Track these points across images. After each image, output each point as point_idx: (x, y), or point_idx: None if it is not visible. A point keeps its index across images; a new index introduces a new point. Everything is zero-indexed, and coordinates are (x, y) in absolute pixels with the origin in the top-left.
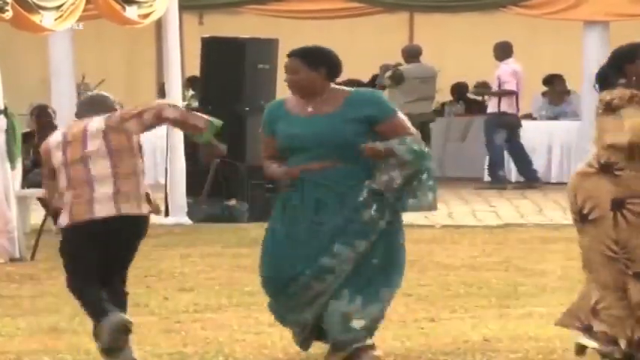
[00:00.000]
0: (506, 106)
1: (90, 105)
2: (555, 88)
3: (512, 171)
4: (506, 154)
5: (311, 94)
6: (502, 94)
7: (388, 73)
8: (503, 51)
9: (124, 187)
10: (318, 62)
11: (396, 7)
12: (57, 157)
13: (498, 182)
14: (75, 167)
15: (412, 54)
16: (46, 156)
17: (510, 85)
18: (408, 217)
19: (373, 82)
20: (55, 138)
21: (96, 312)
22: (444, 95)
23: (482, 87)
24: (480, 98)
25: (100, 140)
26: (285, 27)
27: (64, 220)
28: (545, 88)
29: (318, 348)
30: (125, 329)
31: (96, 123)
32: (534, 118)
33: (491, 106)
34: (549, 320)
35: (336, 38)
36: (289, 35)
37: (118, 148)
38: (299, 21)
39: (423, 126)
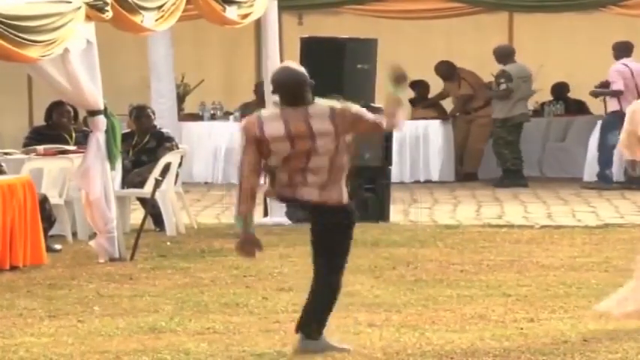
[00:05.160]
0: (623, 105)
1: (293, 98)
2: None
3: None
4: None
5: None
6: (604, 93)
7: (501, 79)
8: (618, 50)
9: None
10: None
11: (496, 7)
12: (283, 148)
13: (605, 181)
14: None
15: (508, 54)
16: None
17: (617, 85)
18: (507, 218)
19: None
20: (274, 130)
21: None
22: (544, 95)
23: (604, 87)
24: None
25: (328, 139)
26: (385, 27)
27: None
28: None
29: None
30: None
31: (321, 123)
32: None
33: (612, 106)
34: None
35: (435, 38)
36: (388, 35)
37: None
38: (398, 21)
39: (520, 127)
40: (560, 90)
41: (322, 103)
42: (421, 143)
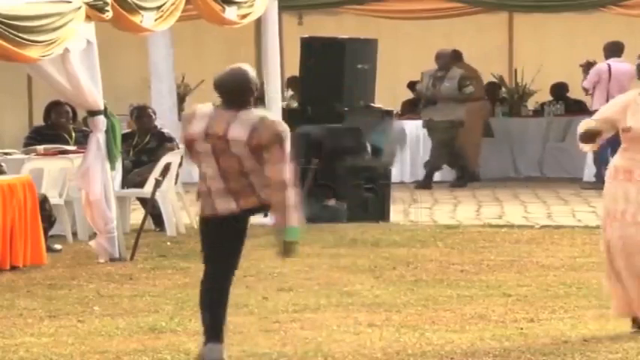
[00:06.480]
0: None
1: (230, 98)
2: None
3: None
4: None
5: None
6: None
7: (467, 81)
8: (608, 50)
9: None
10: None
11: (497, 7)
12: (202, 148)
13: (603, 182)
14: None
15: (458, 56)
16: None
17: (586, 83)
18: (507, 218)
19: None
20: (198, 128)
21: None
22: (543, 95)
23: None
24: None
25: (240, 146)
26: (384, 27)
27: None
28: None
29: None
30: None
31: (239, 129)
32: None
33: (594, 105)
34: None
35: (434, 38)
36: (388, 35)
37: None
38: (398, 21)
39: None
40: (559, 90)
41: (258, 113)
42: (421, 143)
